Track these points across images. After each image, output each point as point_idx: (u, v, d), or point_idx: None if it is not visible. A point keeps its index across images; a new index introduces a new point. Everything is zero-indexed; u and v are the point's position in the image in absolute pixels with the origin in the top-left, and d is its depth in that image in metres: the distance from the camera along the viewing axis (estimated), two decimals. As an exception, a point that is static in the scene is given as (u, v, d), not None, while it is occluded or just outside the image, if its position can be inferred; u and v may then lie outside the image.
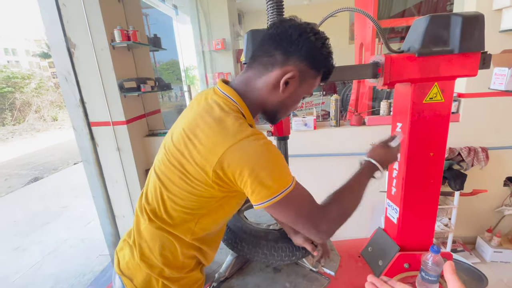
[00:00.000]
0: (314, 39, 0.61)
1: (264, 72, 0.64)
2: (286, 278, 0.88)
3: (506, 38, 1.66)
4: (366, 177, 0.74)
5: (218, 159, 0.55)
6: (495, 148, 1.83)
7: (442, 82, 0.85)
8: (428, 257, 0.90)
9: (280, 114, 0.70)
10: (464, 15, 0.80)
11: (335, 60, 0.69)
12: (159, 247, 0.67)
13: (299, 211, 0.61)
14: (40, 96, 16.21)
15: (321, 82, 0.70)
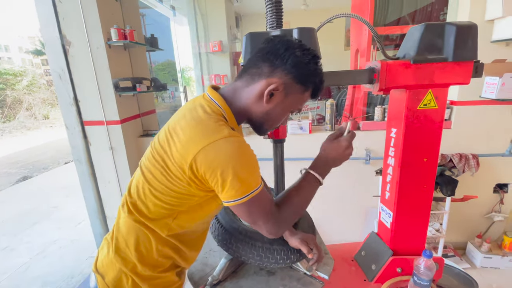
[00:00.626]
0: (300, 54, 0.64)
1: (251, 82, 0.67)
2: (280, 282, 0.88)
3: (497, 48, 1.70)
4: (311, 184, 0.76)
5: (193, 156, 0.58)
6: (486, 155, 1.87)
7: (436, 89, 0.86)
8: (420, 262, 0.91)
9: (265, 125, 0.71)
10: (458, 25, 0.81)
11: (330, 65, 0.70)
12: (135, 241, 0.68)
13: (261, 212, 0.65)
14: (32, 94, 15.93)
15: (311, 98, 0.72)
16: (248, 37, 0.83)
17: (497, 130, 1.84)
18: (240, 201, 0.61)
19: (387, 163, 1.01)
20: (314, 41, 0.80)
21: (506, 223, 1.99)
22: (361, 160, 1.97)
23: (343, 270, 1.16)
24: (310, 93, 0.70)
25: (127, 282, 0.68)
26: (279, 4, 0.82)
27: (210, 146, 0.57)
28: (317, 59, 0.68)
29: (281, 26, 0.84)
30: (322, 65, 0.71)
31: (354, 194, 2.07)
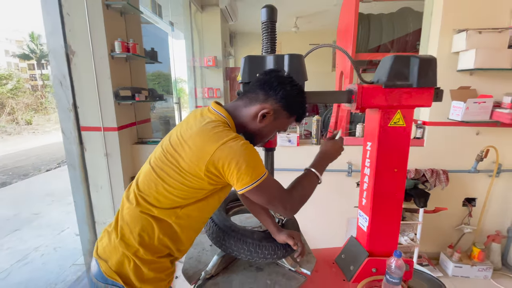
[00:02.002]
0: (290, 88, 0.82)
1: (249, 104, 0.84)
2: (267, 276, 0.97)
3: (462, 76, 1.93)
4: (312, 178, 0.91)
5: (210, 156, 0.72)
6: (455, 171, 2.06)
7: (404, 110, 1.02)
8: (391, 261, 1.03)
9: (256, 139, 0.88)
10: (420, 57, 0.98)
11: (318, 86, 0.86)
12: (139, 228, 0.78)
13: (272, 194, 0.80)
14: (16, 98, 15.49)
15: (296, 122, 0.91)
16: (247, 59, 0.96)
17: (464, 149, 2.04)
18: (255, 185, 0.74)
19: (364, 173, 1.15)
20: (302, 65, 0.94)
21: (475, 234, 2.17)
22: (344, 172, 2.12)
23: (324, 271, 1.26)
24: (295, 118, 0.89)
25: (129, 264, 0.78)
26: (273, 33, 0.97)
27: (223, 145, 0.72)
28: (303, 93, 0.87)
29: (275, 51, 0.98)
30: (309, 85, 0.89)
31: (337, 204, 2.20)
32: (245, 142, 0.75)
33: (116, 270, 0.78)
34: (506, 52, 1.77)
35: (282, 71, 0.87)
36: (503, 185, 2.12)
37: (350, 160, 2.11)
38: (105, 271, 0.78)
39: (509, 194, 2.14)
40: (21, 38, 28.69)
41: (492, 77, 1.92)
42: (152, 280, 0.80)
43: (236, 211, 1.25)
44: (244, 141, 0.75)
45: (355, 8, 2.07)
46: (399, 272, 1.02)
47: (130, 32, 2.03)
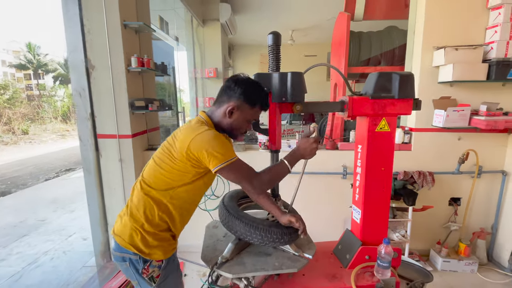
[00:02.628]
0: (245, 85, 1.05)
1: (219, 107, 1.08)
2: (275, 260, 1.12)
3: (442, 87, 2.16)
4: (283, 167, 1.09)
5: (188, 144, 0.96)
6: (440, 172, 2.26)
7: (388, 117, 1.21)
8: (381, 248, 1.20)
9: (234, 132, 1.11)
10: (400, 74, 1.18)
11: (315, 94, 1.07)
12: (143, 208, 1.02)
13: (241, 174, 1.01)
14: (13, 108, 15.51)
15: (263, 110, 1.13)
16: (256, 76, 1.15)
17: (447, 152, 2.25)
18: (224, 165, 0.95)
19: (356, 171, 1.33)
20: (302, 81, 1.13)
21: (461, 231, 2.35)
22: (339, 175, 2.30)
23: (324, 261, 1.42)
24: (260, 107, 1.10)
25: (137, 236, 1.01)
26: (278, 55, 1.17)
27: (198, 135, 0.96)
28: (259, 86, 1.08)
29: (279, 69, 1.18)
30: (307, 94, 1.11)
31: (333, 205, 2.37)
32: (216, 133, 0.99)
33: (129, 241, 1.01)
34: (480, 66, 2.00)
35: (239, 75, 1.09)
36: (484, 185, 2.32)
37: (345, 163, 2.29)
38: (121, 244, 1.02)
39: (491, 194, 2.33)
40: (18, 48, 28.85)
41: (470, 88, 2.14)
42: (157, 247, 1.03)
43: (245, 207, 1.41)
44: (214, 132, 0.99)
45: (347, 27, 2.30)
46: (388, 258, 1.19)
47: (143, 48, 2.23)
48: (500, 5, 1.93)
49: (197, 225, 1.48)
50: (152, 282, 1.04)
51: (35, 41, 22.71)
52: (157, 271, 1.04)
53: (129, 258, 1.02)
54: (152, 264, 1.03)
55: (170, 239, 1.08)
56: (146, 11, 2.35)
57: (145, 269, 1.02)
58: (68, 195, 4.66)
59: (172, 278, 1.10)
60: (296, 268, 1.07)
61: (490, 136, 2.21)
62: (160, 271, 1.05)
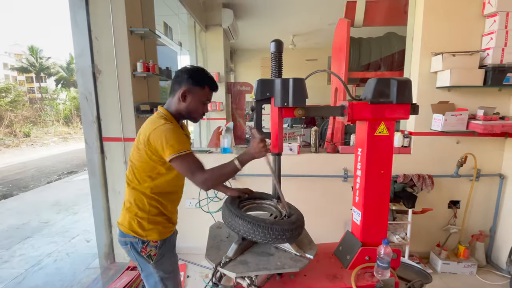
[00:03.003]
0: (190, 71, 1.18)
1: (173, 96, 1.20)
2: (277, 259, 1.15)
3: (440, 92, 2.20)
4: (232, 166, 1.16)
5: (147, 136, 1.09)
6: (439, 176, 2.30)
7: (387, 121, 1.25)
8: (381, 248, 1.23)
9: (192, 115, 1.22)
10: (398, 80, 1.22)
11: (316, 98, 1.13)
12: (134, 200, 1.19)
13: (190, 167, 1.09)
14: (15, 111, 15.60)
15: (213, 90, 1.24)
16: (259, 82, 1.20)
17: (446, 156, 2.29)
18: (175, 156, 1.06)
19: (356, 174, 1.37)
20: (303, 87, 1.18)
21: (460, 234, 2.38)
22: (340, 178, 2.34)
23: (325, 262, 1.45)
24: (209, 88, 1.21)
25: (134, 222, 1.19)
26: (280, 61, 1.21)
27: (155, 130, 1.08)
28: (203, 70, 1.22)
29: (281, 76, 1.22)
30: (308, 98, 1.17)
31: (334, 208, 2.40)
32: (173, 127, 1.10)
33: (128, 228, 1.20)
34: (477, 72, 2.05)
35: (185, 66, 1.21)
36: (483, 188, 2.35)
37: (345, 166, 2.33)
38: (123, 230, 1.21)
39: (489, 197, 2.37)
40: (20, 51, 29.11)
41: (467, 92, 2.19)
42: (152, 229, 1.20)
43: (247, 208, 1.44)
44: (170, 126, 1.10)
45: (347, 33, 2.36)
46: (387, 258, 1.22)
47: (148, 53, 2.28)
48: (495, 13, 1.98)
49: (199, 227, 1.51)
50: (150, 260, 1.21)
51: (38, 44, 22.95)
52: (154, 251, 1.20)
53: (130, 241, 1.20)
54: (150, 245, 1.20)
55: (165, 222, 1.24)
56: (151, 17, 2.41)
57: (143, 249, 1.19)
58: (71, 198, 4.69)
59: (168, 257, 1.26)
60: (297, 268, 1.10)
61: (488, 140, 2.25)
62: (156, 250, 1.21)
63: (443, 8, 2.10)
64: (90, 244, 2.95)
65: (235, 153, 2.37)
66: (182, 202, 1.37)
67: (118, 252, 2.40)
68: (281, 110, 1.22)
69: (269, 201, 1.44)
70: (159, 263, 1.22)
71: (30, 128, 15.48)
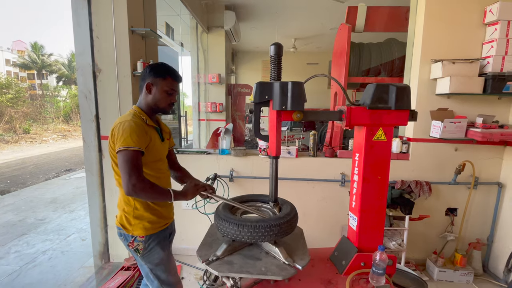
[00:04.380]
0: (151, 65, 1.27)
1: (141, 91, 1.28)
2: (263, 265, 1.12)
3: (440, 99, 2.20)
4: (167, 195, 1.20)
5: (111, 131, 1.17)
6: (437, 182, 2.29)
7: (385, 127, 1.25)
8: (376, 254, 1.22)
9: (160, 105, 1.27)
10: (397, 86, 1.22)
11: (316, 102, 1.14)
12: (121, 194, 1.28)
13: (129, 165, 1.09)
14: (15, 107, 15.61)
15: (177, 81, 1.29)
16: (258, 85, 1.20)
17: (444, 163, 2.28)
18: (121, 149, 1.10)
19: (353, 179, 1.36)
20: (302, 90, 1.17)
21: (457, 242, 2.37)
22: (338, 182, 2.33)
23: (320, 266, 1.44)
24: (171, 78, 1.26)
25: (123, 217, 1.27)
26: (279, 65, 1.22)
27: (119, 123, 1.16)
28: (163, 63, 1.29)
29: (280, 79, 1.22)
30: (308, 102, 1.17)
31: (331, 212, 2.40)
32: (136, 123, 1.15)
33: (119, 221, 1.28)
34: (477, 80, 2.05)
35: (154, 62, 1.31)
36: (481, 196, 2.35)
37: (343, 171, 2.33)
38: (116, 224, 1.31)
39: (486, 205, 2.36)
40: (23, 48, 29.19)
41: (467, 100, 2.19)
42: (137, 225, 1.26)
43: (243, 211, 1.43)
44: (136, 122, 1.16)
45: (348, 38, 2.36)
46: (382, 264, 1.21)
47: (149, 53, 2.29)
48: (496, 21, 1.99)
49: (195, 228, 1.51)
50: (138, 253, 1.27)
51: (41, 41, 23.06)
52: (141, 245, 1.27)
53: (122, 233, 1.28)
54: (137, 239, 1.26)
55: (151, 217, 1.28)
56: (153, 17, 2.41)
57: (131, 243, 1.26)
58: (68, 195, 4.68)
59: (156, 252, 1.30)
60: (281, 277, 1.07)
61: (486, 148, 2.25)
62: (143, 244, 1.27)
63: (444, 15, 2.11)
64: (85, 243, 2.94)
65: (233, 155, 2.37)
66: (178, 203, 1.37)
67: (113, 251, 2.39)
68: (280, 113, 1.22)
69: (266, 204, 1.43)
70: (146, 256, 1.29)
71: (30, 125, 15.47)
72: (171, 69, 1.28)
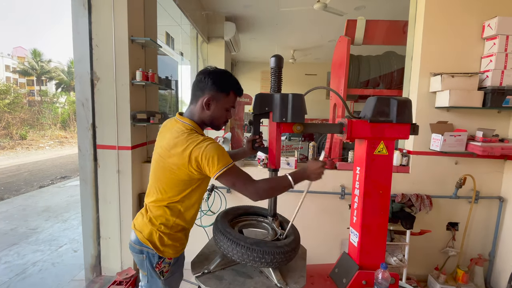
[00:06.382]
0: (213, 75, 1.09)
1: (195, 103, 1.11)
2: (253, 284, 1.07)
3: (439, 112, 2.20)
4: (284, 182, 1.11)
5: (189, 156, 1.00)
6: (438, 196, 2.26)
7: (386, 141, 1.23)
8: (379, 273, 1.18)
9: (216, 122, 1.14)
10: (398, 99, 1.21)
11: (314, 112, 1.09)
12: (158, 214, 1.12)
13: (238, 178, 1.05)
14: (13, 113, 15.54)
15: (238, 95, 1.16)
16: (258, 96, 1.18)
17: (445, 176, 2.26)
18: (223, 171, 1.00)
19: (354, 193, 1.33)
20: (302, 103, 1.16)
21: (459, 257, 2.31)
22: (337, 195, 2.29)
23: (320, 284, 1.39)
24: (234, 93, 1.13)
25: (156, 235, 1.12)
26: (280, 76, 1.20)
27: (196, 145, 1.00)
28: (226, 73, 1.13)
29: (281, 91, 1.21)
30: (307, 113, 1.12)
31: (331, 226, 2.34)
32: (211, 142, 1.02)
33: (148, 238, 1.12)
34: (476, 93, 2.05)
35: (207, 68, 1.12)
36: (482, 210, 2.31)
37: (343, 183, 2.29)
38: (141, 239, 1.13)
39: (488, 220, 2.32)
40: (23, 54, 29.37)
41: (466, 113, 2.19)
42: (170, 246, 1.14)
43: (244, 224, 1.38)
44: (210, 141, 1.02)
45: (347, 50, 2.37)
46: (385, 283, 1.17)
47: (148, 62, 2.28)
48: (495, 36, 2.01)
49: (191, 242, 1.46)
50: (162, 276, 1.15)
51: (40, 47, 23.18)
52: (167, 267, 1.16)
53: (147, 252, 1.12)
54: (165, 261, 1.15)
55: (182, 237, 1.19)
56: (154, 27, 2.42)
57: (158, 264, 1.14)
58: (62, 204, 4.58)
59: (177, 275, 1.24)
60: None
61: (487, 162, 2.23)
62: (169, 267, 1.17)
63: (442, 29, 2.13)
64: (77, 255, 2.85)
65: (231, 166, 2.33)
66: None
67: (105, 264, 2.31)
68: (280, 125, 1.20)
69: (265, 218, 1.39)
70: (168, 281, 1.19)
71: (26, 131, 15.37)
72: (235, 82, 1.13)
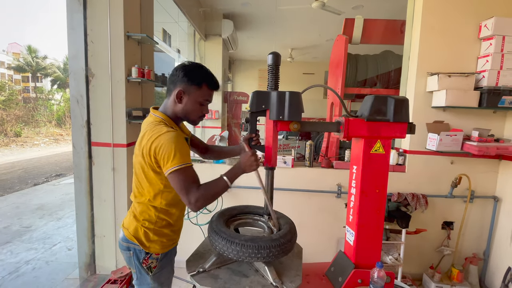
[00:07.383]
0: (186, 68, 1.07)
1: (169, 97, 1.10)
2: (249, 283, 1.06)
3: (436, 112, 2.21)
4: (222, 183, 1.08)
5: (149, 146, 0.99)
6: (433, 195, 2.27)
7: (383, 139, 1.22)
8: (374, 271, 1.18)
9: (190, 117, 1.12)
10: (395, 98, 1.21)
11: (312, 111, 1.07)
12: (140, 211, 1.12)
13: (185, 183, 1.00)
14: (7, 110, 15.34)
15: (213, 89, 1.12)
16: (255, 94, 1.17)
17: (440, 176, 2.27)
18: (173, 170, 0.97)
19: (350, 192, 1.33)
20: (299, 100, 1.15)
21: (454, 256, 2.33)
22: (333, 194, 2.29)
23: (316, 283, 1.39)
24: (207, 87, 1.10)
25: (141, 230, 1.12)
26: (277, 74, 1.19)
27: (157, 137, 0.98)
28: (200, 66, 1.10)
29: (278, 88, 1.20)
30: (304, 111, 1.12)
31: (327, 225, 2.35)
32: (174, 136, 0.99)
33: (134, 234, 1.13)
34: (472, 93, 2.06)
35: (183, 63, 1.10)
36: (477, 210, 2.33)
37: (339, 182, 2.29)
38: (127, 235, 1.14)
39: (483, 219, 2.34)
40: (18, 51, 29.00)
41: (462, 113, 2.20)
42: (157, 241, 1.14)
43: (240, 223, 1.37)
44: (173, 134, 0.99)
45: (345, 49, 2.37)
46: (381, 282, 1.17)
47: (144, 59, 2.25)
48: (491, 36, 2.02)
49: (186, 240, 1.44)
50: (150, 271, 1.15)
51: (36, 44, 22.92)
52: (154, 263, 1.16)
53: (134, 248, 1.13)
54: (152, 257, 1.14)
55: (171, 234, 1.18)
56: (150, 23, 2.39)
57: (145, 260, 1.14)
58: (56, 202, 4.53)
59: (166, 270, 1.22)
60: None
61: (482, 161, 2.25)
62: (157, 262, 1.16)
63: (439, 29, 2.14)
64: (71, 253, 2.82)
65: (228, 163, 2.32)
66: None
67: (99, 263, 2.29)
68: (276, 123, 1.19)
69: (261, 217, 1.38)
70: (157, 276, 1.18)
71: (21, 128, 15.18)
72: (208, 75, 1.09)
